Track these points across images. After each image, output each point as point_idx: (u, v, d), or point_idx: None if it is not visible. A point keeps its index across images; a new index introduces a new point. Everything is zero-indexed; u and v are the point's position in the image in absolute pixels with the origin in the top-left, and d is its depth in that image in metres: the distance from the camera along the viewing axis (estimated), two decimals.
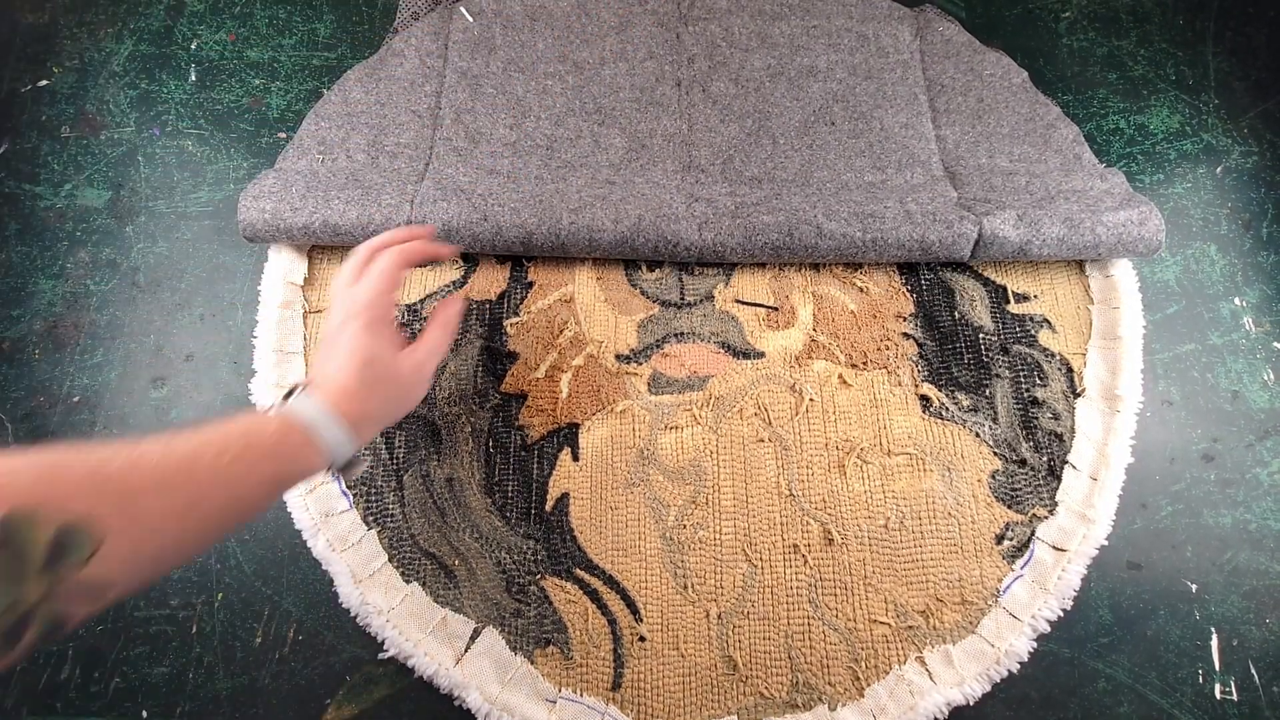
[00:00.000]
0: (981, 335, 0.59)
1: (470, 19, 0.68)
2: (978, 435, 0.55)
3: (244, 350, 0.58)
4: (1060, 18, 0.72)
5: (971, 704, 0.49)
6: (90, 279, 0.62)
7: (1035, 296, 0.60)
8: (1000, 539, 0.53)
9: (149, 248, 0.62)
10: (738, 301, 0.60)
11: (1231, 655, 0.51)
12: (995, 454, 0.55)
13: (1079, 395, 0.57)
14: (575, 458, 0.55)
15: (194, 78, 0.69)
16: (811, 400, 0.56)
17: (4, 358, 0.59)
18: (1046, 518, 0.53)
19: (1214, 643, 0.51)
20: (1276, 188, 0.65)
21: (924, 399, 0.56)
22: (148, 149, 0.66)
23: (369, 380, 0.41)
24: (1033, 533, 0.53)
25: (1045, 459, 0.55)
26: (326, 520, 0.52)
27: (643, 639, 0.50)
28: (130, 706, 0.50)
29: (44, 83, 0.68)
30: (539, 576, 0.52)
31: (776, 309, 0.59)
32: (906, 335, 0.59)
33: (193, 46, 0.70)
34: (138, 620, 0.52)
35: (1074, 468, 0.54)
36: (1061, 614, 0.50)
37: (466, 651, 0.49)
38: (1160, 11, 0.72)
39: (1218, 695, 0.50)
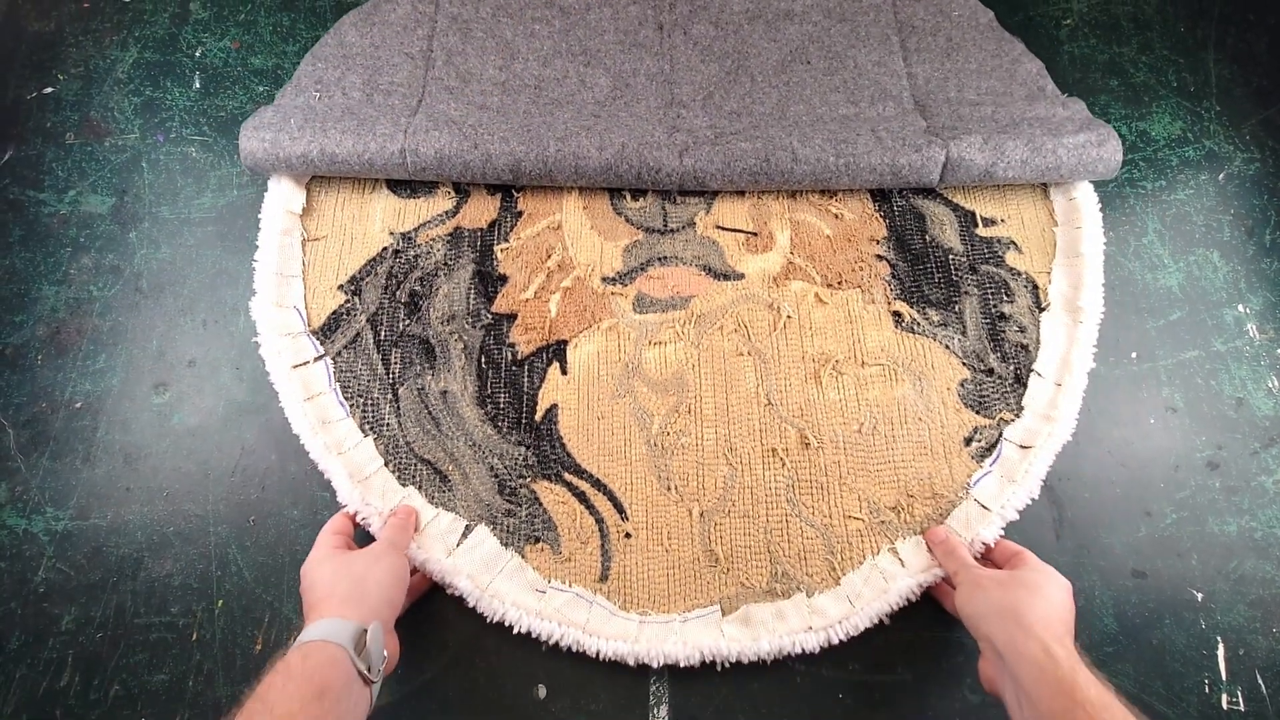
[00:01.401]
0: (951, 257, 0.61)
1: None
2: (948, 348, 0.58)
3: (247, 356, 0.58)
4: (1061, 24, 0.72)
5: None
6: (93, 284, 0.61)
7: (1002, 221, 0.63)
8: (969, 441, 0.55)
9: (152, 253, 0.62)
10: (719, 228, 0.62)
11: (1238, 664, 0.50)
12: (964, 364, 0.58)
13: (1044, 310, 0.59)
14: (564, 372, 0.57)
15: (198, 84, 0.69)
16: (789, 317, 0.59)
17: (6, 363, 0.59)
18: (1013, 420, 0.56)
19: (1220, 652, 0.51)
20: (1279, 194, 0.65)
21: (896, 315, 0.59)
22: (152, 155, 0.66)
23: (342, 578, 0.44)
24: (1000, 435, 0.55)
25: (1012, 368, 0.57)
26: (324, 426, 0.54)
27: (629, 535, 0.52)
28: (129, 714, 0.49)
29: (49, 89, 0.69)
30: (529, 480, 0.54)
31: (755, 234, 0.62)
32: (880, 257, 0.61)
33: (197, 54, 0.70)
34: (137, 627, 0.51)
35: (1039, 375, 0.57)
36: (1030, 501, 0.53)
37: (459, 545, 0.52)
38: (1161, 18, 0.72)
39: (1224, 705, 0.49)
